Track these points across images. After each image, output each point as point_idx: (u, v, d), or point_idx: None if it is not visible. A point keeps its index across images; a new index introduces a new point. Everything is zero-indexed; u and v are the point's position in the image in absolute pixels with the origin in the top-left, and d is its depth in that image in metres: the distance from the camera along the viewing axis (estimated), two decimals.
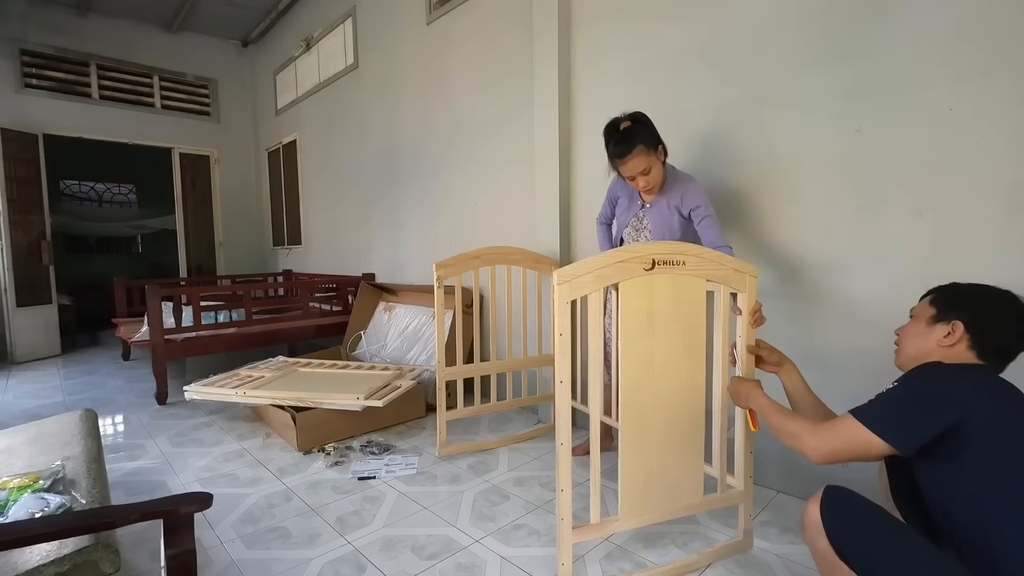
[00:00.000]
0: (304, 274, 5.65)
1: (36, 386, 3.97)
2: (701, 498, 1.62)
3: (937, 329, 1.18)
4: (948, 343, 1.16)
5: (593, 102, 2.71)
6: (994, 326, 1.15)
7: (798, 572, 1.59)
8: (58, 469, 1.43)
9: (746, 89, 2.12)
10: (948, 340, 1.16)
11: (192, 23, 5.73)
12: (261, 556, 1.71)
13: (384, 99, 4.28)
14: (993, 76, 1.57)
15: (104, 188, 8.51)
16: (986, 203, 1.60)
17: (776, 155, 2.05)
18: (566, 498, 1.44)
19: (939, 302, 1.23)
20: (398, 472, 2.31)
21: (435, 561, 1.67)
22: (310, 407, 2.63)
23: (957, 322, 1.15)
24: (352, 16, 4.59)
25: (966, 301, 1.19)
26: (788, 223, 2.04)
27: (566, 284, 1.36)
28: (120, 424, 3.07)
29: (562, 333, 1.40)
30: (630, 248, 1.44)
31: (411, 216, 4.09)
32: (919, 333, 1.23)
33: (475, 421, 2.94)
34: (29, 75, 5.06)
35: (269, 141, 6.29)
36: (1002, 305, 1.16)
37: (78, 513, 1.15)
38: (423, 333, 3.63)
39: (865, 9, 1.80)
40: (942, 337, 1.17)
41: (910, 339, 1.25)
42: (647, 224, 2.10)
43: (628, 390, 1.47)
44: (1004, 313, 1.15)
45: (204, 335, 3.63)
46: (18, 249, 4.76)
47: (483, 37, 3.29)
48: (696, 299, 1.53)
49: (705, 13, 2.23)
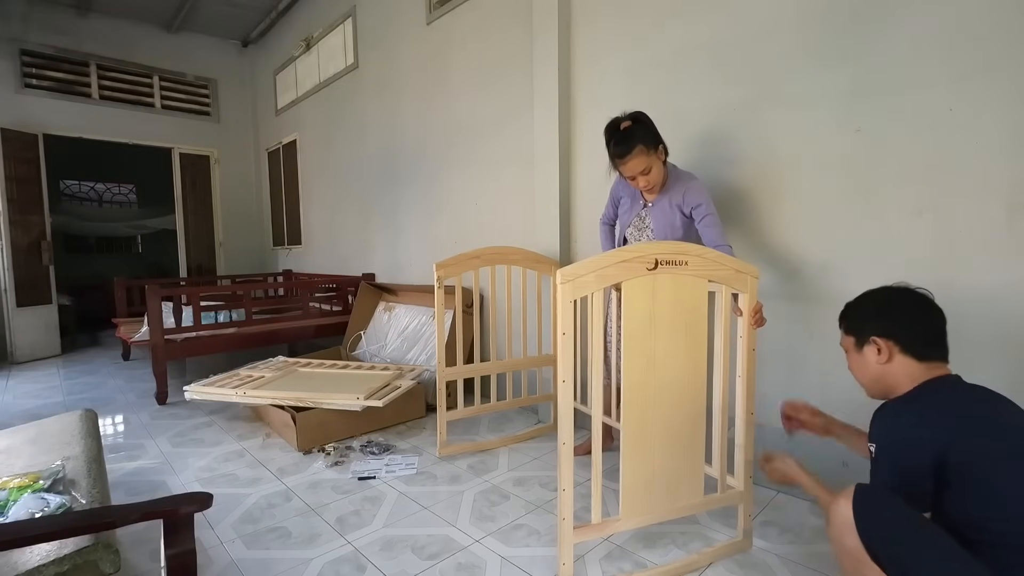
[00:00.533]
0: (304, 274, 5.65)
1: (36, 386, 3.97)
2: (701, 498, 1.62)
3: (867, 352, 1.22)
4: (884, 359, 1.19)
5: (593, 102, 2.71)
6: (904, 326, 1.19)
7: (798, 572, 1.59)
8: (58, 469, 1.43)
9: (746, 89, 2.12)
10: (882, 357, 1.20)
11: (192, 23, 5.73)
12: (261, 556, 1.71)
13: (384, 99, 4.28)
14: (993, 76, 1.57)
15: (104, 188, 8.51)
16: (986, 203, 1.60)
17: (776, 155, 2.05)
18: (568, 498, 1.43)
19: (851, 328, 1.28)
20: (398, 472, 2.31)
21: (435, 561, 1.67)
22: (310, 407, 2.63)
23: (874, 338, 1.20)
24: (352, 16, 4.59)
25: (867, 316, 1.24)
26: (788, 223, 2.04)
27: (569, 283, 1.36)
28: (120, 424, 3.07)
29: (565, 332, 1.40)
30: (633, 248, 1.44)
31: (411, 216, 4.09)
32: (859, 364, 1.27)
33: (475, 421, 2.94)
34: (29, 75, 5.06)
35: (269, 141, 6.29)
36: (896, 302, 1.21)
37: (78, 513, 1.15)
38: (423, 333, 3.63)
39: (865, 9, 1.80)
40: (876, 357, 1.20)
41: (858, 372, 1.29)
42: (649, 223, 2.10)
43: (630, 389, 1.47)
44: (902, 309, 1.20)
45: (204, 335, 3.63)
46: (18, 249, 4.76)
47: (483, 37, 3.29)
48: (698, 299, 1.53)
49: (705, 13, 2.23)
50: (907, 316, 1.20)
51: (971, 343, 1.64)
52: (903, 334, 1.19)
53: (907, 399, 1.18)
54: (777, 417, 1.64)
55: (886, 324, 1.20)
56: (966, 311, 1.64)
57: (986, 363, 1.61)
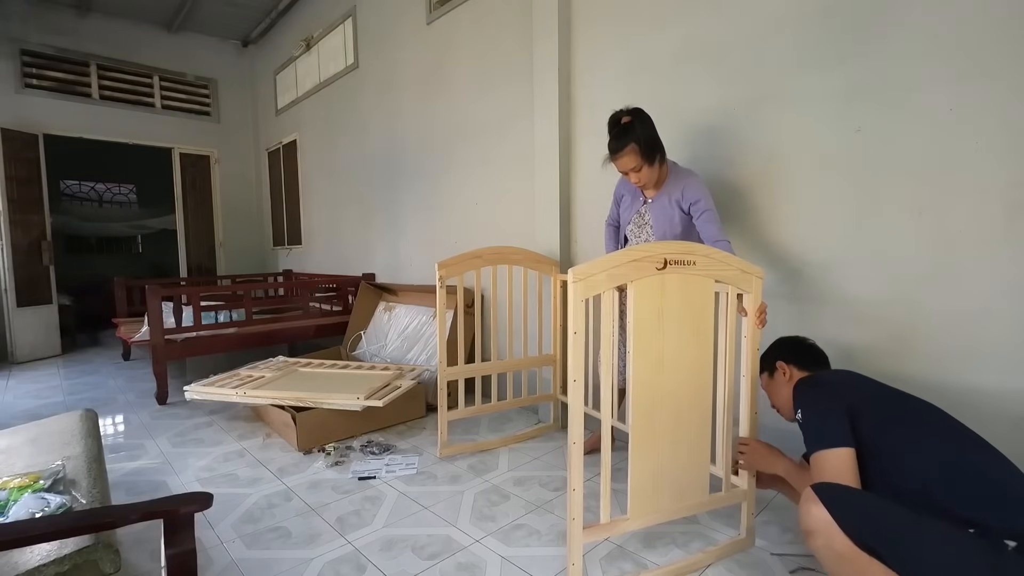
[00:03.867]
0: (304, 274, 5.65)
1: (36, 386, 3.97)
2: (707, 497, 1.62)
3: (776, 377, 1.60)
4: (788, 378, 1.57)
5: (593, 102, 2.71)
6: (795, 351, 1.60)
7: (798, 571, 1.59)
8: (58, 469, 1.43)
9: (746, 89, 2.12)
10: (787, 377, 1.57)
11: (192, 23, 5.73)
12: (261, 556, 1.71)
13: (384, 99, 4.28)
14: (993, 76, 1.57)
15: (104, 188, 8.51)
16: (986, 202, 1.59)
17: (776, 155, 2.05)
18: (578, 498, 1.42)
19: (763, 368, 1.66)
20: (398, 472, 2.31)
21: (435, 561, 1.67)
22: (310, 407, 2.63)
23: (779, 363, 1.59)
24: (352, 16, 4.59)
25: (769, 355, 1.64)
26: (788, 223, 2.04)
27: (581, 282, 1.36)
28: (120, 424, 3.07)
29: (576, 332, 1.39)
30: (643, 247, 1.44)
31: (411, 216, 4.09)
32: (774, 390, 1.62)
33: (475, 421, 2.93)
34: (29, 75, 5.06)
35: (269, 141, 6.29)
36: (786, 342, 1.65)
37: (78, 513, 1.15)
38: (423, 333, 3.63)
39: (865, 9, 1.80)
40: (783, 379, 1.57)
41: (775, 398, 1.62)
42: (649, 220, 2.11)
43: (639, 388, 1.47)
44: (791, 344, 1.63)
45: (204, 335, 3.63)
46: (18, 249, 4.76)
47: (483, 37, 3.29)
48: (705, 299, 1.54)
49: (705, 13, 2.23)
50: (795, 346, 1.62)
51: (971, 343, 1.64)
52: (795, 357, 1.59)
53: (816, 376, 1.50)
54: (778, 417, 1.64)
55: (782, 353, 1.61)
56: (966, 310, 1.65)
57: (986, 363, 1.61)
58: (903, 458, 1.19)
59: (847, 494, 1.15)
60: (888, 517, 1.08)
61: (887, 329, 1.81)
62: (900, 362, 1.78)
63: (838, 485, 1.18)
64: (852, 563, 1.08)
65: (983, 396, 1.61)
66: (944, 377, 1.68)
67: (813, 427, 1.32)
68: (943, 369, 1.69)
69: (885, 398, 1.34)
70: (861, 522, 1.08)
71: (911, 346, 1.76)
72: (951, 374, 1.67)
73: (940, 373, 1.69)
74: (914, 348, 1.75)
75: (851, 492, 1.16)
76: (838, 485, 1.18)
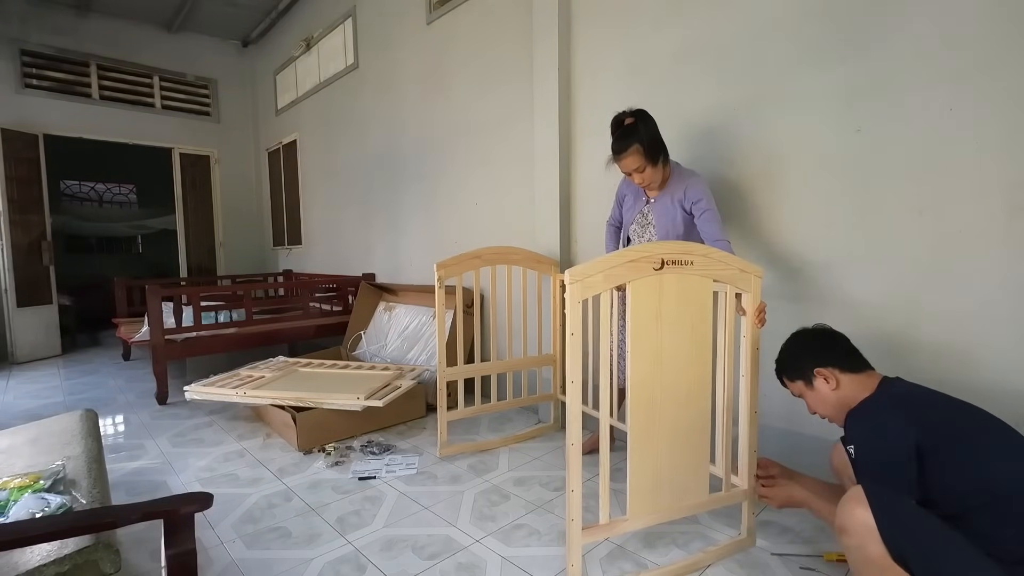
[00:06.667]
0: (304, 274, 5.65)
1: (36, 386, 3.97)
2: (707, 497, 1.62)
3: (818, 386, 1.42)
4: (833, 386, 1.39)
5: (593, 102, 2.71)
6: (831, 351, 1.42)
7: (797, 571, 1.59)
8: (59, 469, 1.43)
9: (746, 89, 2.12)
10: (831, 384, 1.39)
11: (192, 23, 5.73)
12: (261, 556, 1.71)
13: (384, 99, 4.28)
14: (993, 76, 1.57)
15: (104, 188, 8.51)
16: (986, 202, 1.59)
17: (776, 155, 2.05)
18: (576, 498, 1.42)
19: (794, 375, 1.48)
20: (398, 472, 2.31)
21: (435, 561, 1.67)
22: (310, 407, 2.63)
23: (818, 370, 1.40)
24: (352, 16, 4.59)
25: (800, 359, 1.46)
26: (788, 223, 2.04)
27: (578, 283, 1.36)
28: (120, 424, 3.07)
29: (574, 332, 1.39)
30: (640, 248, 1.45)
31: (411, 216, 4.08)
32: (817, 399, 1.43)
33: (475, 421, 2.93)
34: (29, 75, 5.06)
35: (269, 141, 6.29)
36: (812, 339, 1.47)
37: (79, 513, 1.15)
38: (423, 333, 3.63)
39: (865, 9, 1.80)
40: (826, 386, 1.39)
41: (820, 407, 1.45)
42: (652, 220, 2.12)
43: (637, 388, 1.47)
44: (820, 341, 1.45)
45: (204, 335, 3.63)
46: (18, 249, 4.76)
47: (484, 37, 3.29)
48: (703, 299, 1.54)
49: (706, 13, 2.23)
50: (827, 344, 1.44)
51: (971, 342, 1.64)
52: (834, 358, 1.40)
53: (873, 400, 1.30)
54: (778, 417, 1.64)
55: (817, 356, 1.42)
56: (965, 310, 1.64)
57: (986, 363, 1.61)
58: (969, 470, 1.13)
59: (898, 504, 1.09)
60: (933, 539, 1.02)
61: (887, 328, 1.81)
62: (900, 361, 1.77)
63: (890, 491, 1.12)
64: (881, 572, 1.05)
65: (983, 396, 1.61)
66: (944, 376, 1.68)
67: (868, 475, 1.22)
68: (943, 368, 1.69)
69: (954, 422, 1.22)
70: (903, 536, 1.04)
71: (911, 345, 1.76)
72: (951, 373, 1.67)
73: (940, 372, 1.69)
74: (914, 347, 1.75)
75: (902, 502, 1.10)
76: (890, 491, 1.12)
